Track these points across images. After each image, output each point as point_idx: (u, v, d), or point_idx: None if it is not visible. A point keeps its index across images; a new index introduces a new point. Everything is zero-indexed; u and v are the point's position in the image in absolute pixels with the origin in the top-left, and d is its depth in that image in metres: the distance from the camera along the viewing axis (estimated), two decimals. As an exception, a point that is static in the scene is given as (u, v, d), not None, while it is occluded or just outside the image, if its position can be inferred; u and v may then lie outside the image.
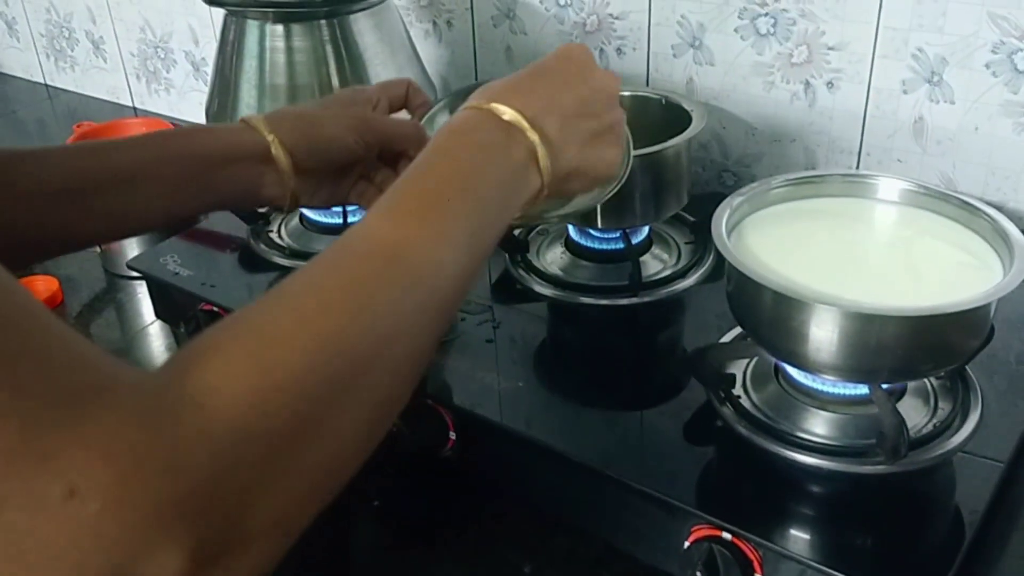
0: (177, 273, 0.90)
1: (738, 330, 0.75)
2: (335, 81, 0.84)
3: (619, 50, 1.00)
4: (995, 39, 0.79)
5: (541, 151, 0.52)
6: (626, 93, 0.91)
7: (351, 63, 0.84)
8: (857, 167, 0.90)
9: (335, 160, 0.66)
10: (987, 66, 0.80)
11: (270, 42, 0.83)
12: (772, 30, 0.89)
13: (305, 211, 0.95)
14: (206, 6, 1.23)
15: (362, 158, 0.67)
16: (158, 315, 0.96)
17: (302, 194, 0.66)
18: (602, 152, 0.58)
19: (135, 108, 1.51)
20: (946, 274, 0.67)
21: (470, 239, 0.46)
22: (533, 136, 0.51)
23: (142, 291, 1.00)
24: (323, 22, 0.83)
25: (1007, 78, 0.80)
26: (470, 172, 0.49)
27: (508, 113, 0.51)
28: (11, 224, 0.56)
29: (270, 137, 0.63)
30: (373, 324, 0.40)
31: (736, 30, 0.91)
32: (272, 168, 0.64)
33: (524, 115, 0.51)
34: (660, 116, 0.87)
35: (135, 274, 0.98)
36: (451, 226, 0.46)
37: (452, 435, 0.73)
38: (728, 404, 0.69)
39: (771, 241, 0.69)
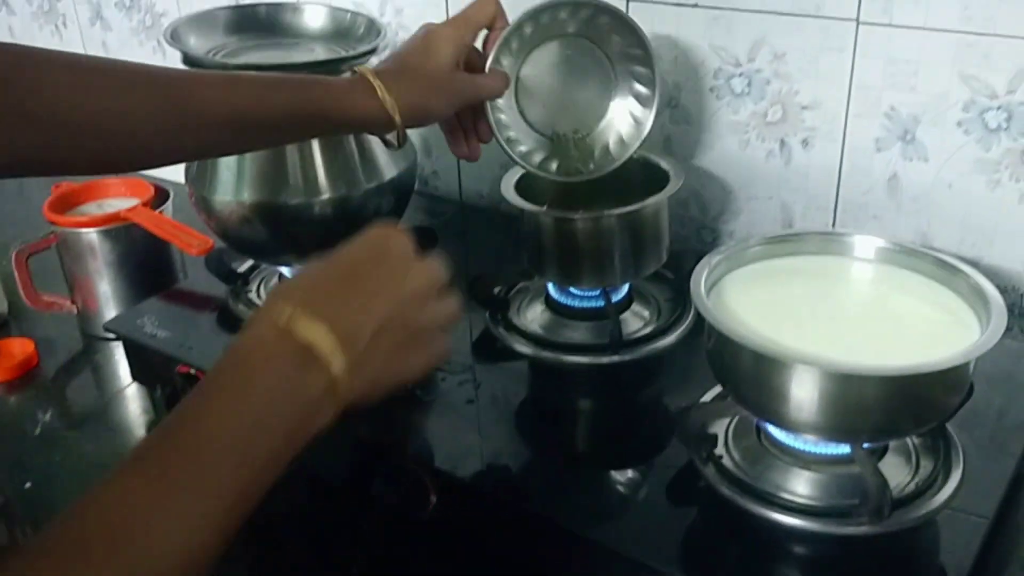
0: (154, 335, 0.90)
1: (720, 388, 0.75)
2: (315, 143, 0.84)
3: (597, 109, 1.01)
4: (966, 98, 0.80)
5: (343, 379, 0.47)
6: (604, 152, 0.92)
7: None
8: (833, 224, 0.91)
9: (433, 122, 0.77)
10: (959, 124, 0.81)
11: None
12: (747, 89, 0.90)
13: (283, 270, 0.95)
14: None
15: None
16: (135, 378, 0.95)
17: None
18: (407, 362, 0.54)
19: (115, 167, 1.51)
20: (924, 332, 0.67)
21: (224, 514, 0.43)
22: (338, 363, 0.47)
23: (119, 353, 0.99)
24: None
25: (979, 136, 0.81)
26: (251, 425, 0.45)
27: (313, 333, 0.47)
28: (187, 140, 0.66)
29: (390, 104, 0.70)
30: None
31: (712, 90, 0.92)
32: (386, 125, 0.72)
33: (333, 332, 0.47)
34: (638, 175, 0.87)
35: (112, 336, 0.97)
36: (201, 503, 0.42)
37: (433, 498, 0.73)
38: (711, 464, 0.69)
39: (750, 299, 0.69)
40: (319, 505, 0.74)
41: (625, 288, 0.88)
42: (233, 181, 0.85)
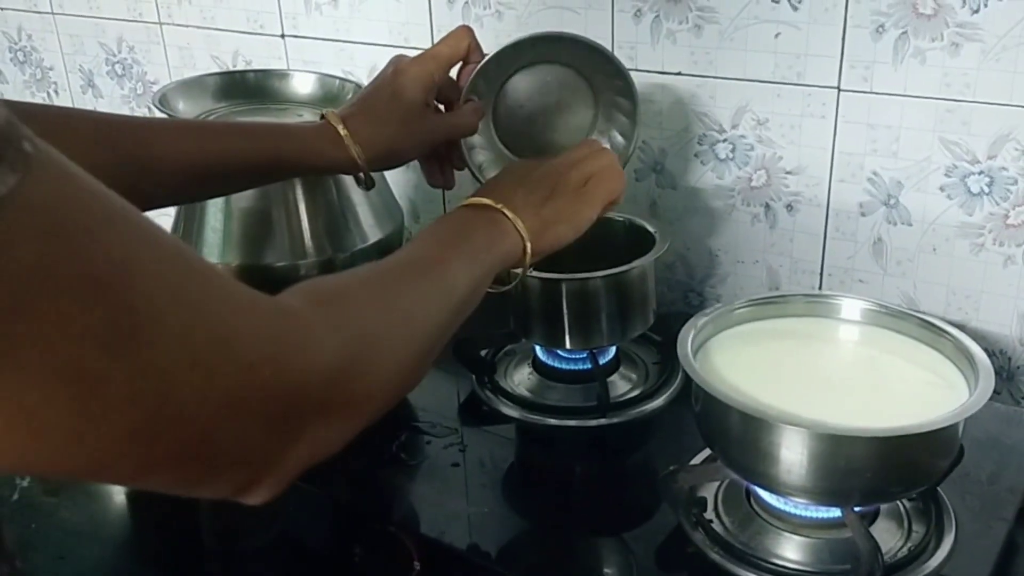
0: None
1: (708, 451, 0.74)
2: (301, 205, 0.84)
3: (584, 174, 1.01)
4: (948, 163, 0.81)
5: (514, 220, 0.65)
6: (591, 216, 0.92)
7: (318, 187, 0.85)
8: (820, 287, 0.91)
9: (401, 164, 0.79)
10: (941, 189, 0.82)
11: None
12: (731, 155, 0.92)
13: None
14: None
15: None
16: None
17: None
18: (578, 211, 0.70)
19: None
20: (912, 394, 0.67)
21: (475, 265, 0.61)
22: (509, 213, 0.65)
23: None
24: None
25: (961, 200, 0.82)
26: (470, 231, 0.64)
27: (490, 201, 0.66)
28: (147, 187, 0.65)
29: (356, 151, 0.71)
30: (425, 302, 0.55)
31: (696, 155, 0.93)
32: (353, 169, 0.73)
33: (503, 204, 0.65)
34: (624, 238, 0.88)
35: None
36: (466, 257, 0.60)
37: (417, 565, 0.71)
38: (700, 529, 0.68)
39: (737, 361, 0.69)
40: (300, 571, 0.73)
41: (612, 350, 0.87)
42: (219, 243, 0.85)
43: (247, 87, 0.94)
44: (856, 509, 0.63)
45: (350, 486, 0.77)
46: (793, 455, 0.60)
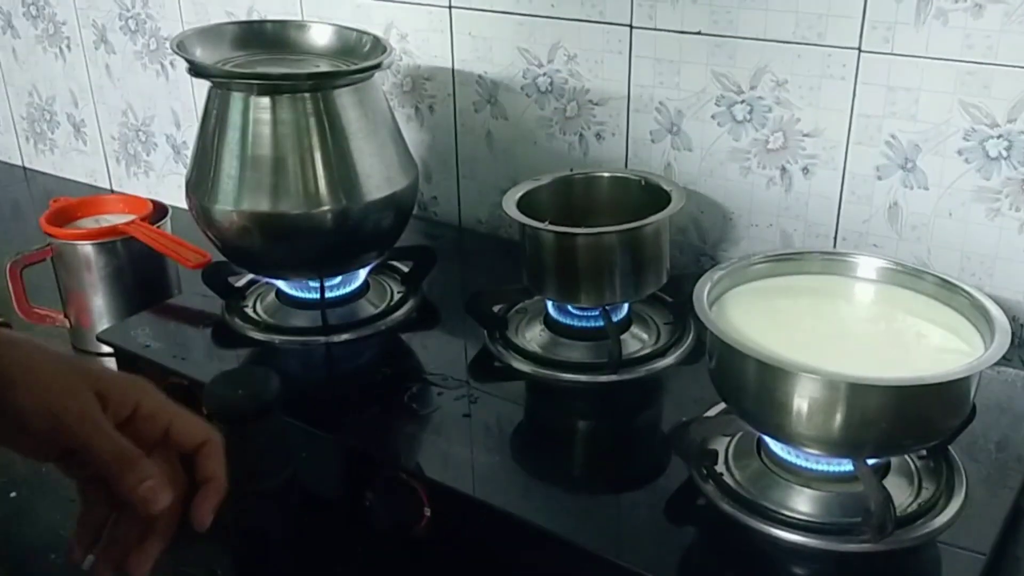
0: (148, 346, 0.89)
1: (719, 408, 0.75)
2: (317, 154, 0.84)
3: (598, 135, 1.01)
4: (967, 126, 0.81)
5: None
6: (606, 174, 0.93)
7: (334, 137, 0.84)
8: (834, 252, 0.91)
9: None
10: (959, 153, 0.82)
11: (253, 114, 0.83)
12: (748, 117, 0.91)
13: (280, 285, 0.94)
14: (190, 90, 1.25)
15: None
16: (126, 389, 0.93)
17: None
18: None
19: (112, 190, 1.50)
20: (927, 349, 0.67)
21: None
22: None
23: (111, 367, 0.98)
24: (307, 95, 0.83)
25: (979, 164, 0.81)
26: None
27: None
28: None
29: None
30: None
31: (713, 116, 0.93)
32: None
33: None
34: (639, 197, 0.87)
35: (105, 350, 0.95)
36: None
37: (427, 511, 0.71)
38: (711, 481, 0.68)
39: (752, 315, 0.69)
40: (311, 517, 0.73)
41: (625, 308, 0.87)
42: (234, 191, 0.84)
43: (265, 37, 0.93)
44: (868, 462, 0.63)
45: (361, 433, 0.77)
46: (808, 404, 0.60)
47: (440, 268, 0.99)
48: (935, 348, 0.67)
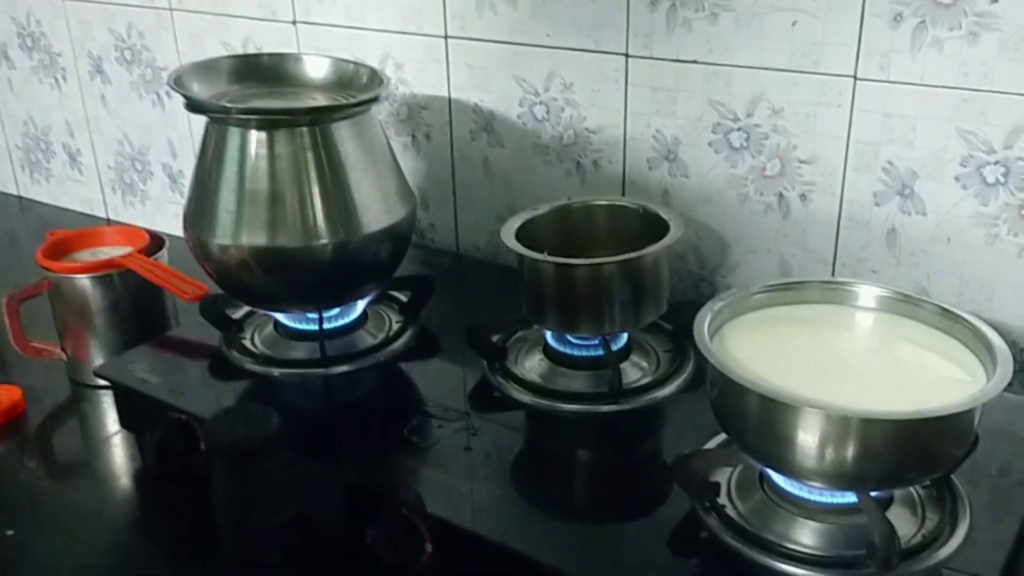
0: (145, 380, 0.88)
1: (721, 438, 0.74)
2: (315, 187, 0.84)
3: (595, 163, 1.01)
4: (964, 153, 0.81)
5: None
6: (604, 203, 0.93)
7: (331, 170, 0.84)
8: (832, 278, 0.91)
9: None
10: (957, 179, 0.82)
11: (251, 148, 0.83)
12: (745, 144, 0.91)
13: (279, 317, 0.94)
14: (186, 120, 1.25)
15: None
16: (123, 424, 0.93)
17: None
18: None
19: (108, 219, 1.50)
20: (929, 380, 0.66)
21: None
22: None
23: (107, 402, 0.97)
24: (304, 129, 0.83)
25: (976, 190, 0.81)
26: None
27: None
28: None
29: None
30: None
31: (710, 144, 0.93)
32: None
33: None
34: (638, 225, 0.87)
35: (102, 383, 0.95)
36: None
37: (428, 547, 0.71)
38: (714, 513, 0.68)
39: (752, 346, 0.69)
40: (311, 553, 0.72)
41: (625, 337, 0.87)
42: (232, 225, 0.84)
43: (261, 70, 0.94)
44: (872, 494, 0.63)
45: (362, 467, 0.77)
46: (811, 438, 0.60)
47: (439, 296, 0.99)
48: (937, 378, 0.66)
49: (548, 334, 0.88)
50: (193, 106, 0.84)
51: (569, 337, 0.86)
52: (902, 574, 0.62)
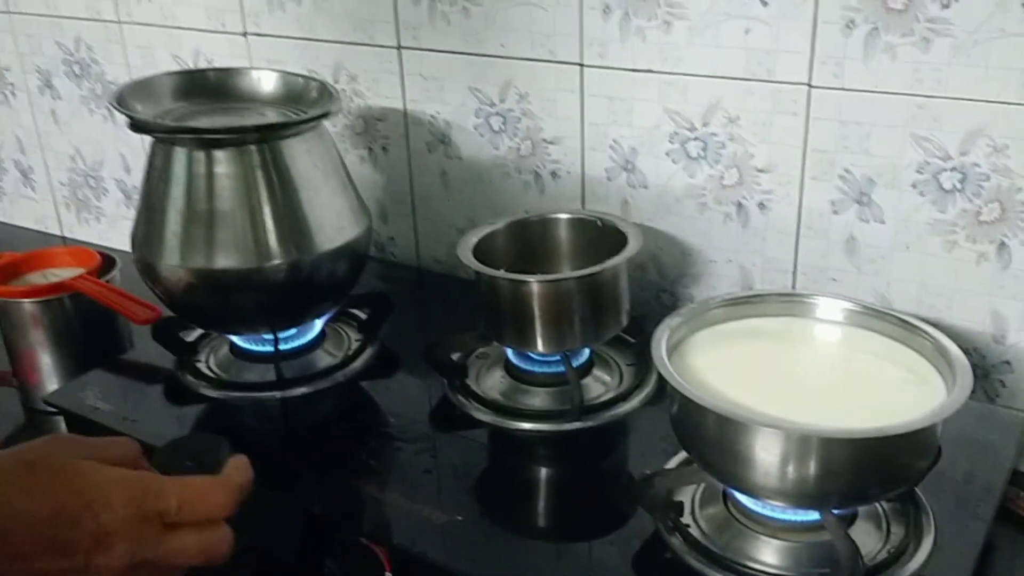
0: (97, 408, 0.86)
1: (684, 456, 0.73)
2: (266, 207, 0.82)
3: (554, 174, 1.00)
4: (920, 159, 0.80)
5: None
6: (562, 216, 0.91)
7: (282, 189, 0.82)
8: (793, 286, 0.91)
9: None
10: (914, 186, 0.82)
11: (198, 168, 0.81)
12: (702, 153, 0.90)
13: (234, 339, 0.92)
14: (138, 136, 1.22)
15: None
16: (76, 453, 0.90)
17: None
18: None
19: (64, 238, 1.47)
20: (889, 393, 0.66)
21: None
22: None
23: (62, 427, 0.95)
24: (253, 147, 0.81)
25: (934, 197, 0.81)
26: None
27: None
28: None
29: None
30: None
31: (667, 153, 0.92)
32: None
33: None
34: (596, 238, 0.87)
35: (54, 410, 0.92)
36: None
37: (388, 575, 0.69)
38: (677, 534, 0.67)
39: (712, 362, 0.68)
40: (268, 585, 0.71)
41: (586, 353, 0.86)
42: (179, 247, 0.82)
43: (208, 86, 0.91)
44: (835, 512, 0.62)
45: (319, 495, 0.75)
46: (770, 457, 0.59)
47: (399, 312, 0.98)
48: (896, 391, 0.66)
49: (509, 351, 0.86)
50: (137, 126, 0.82)
51: (530, 354, 0.85)
52: (868, 591, 0.62)
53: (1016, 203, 0.78)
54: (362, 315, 0.97)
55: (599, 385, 0.85)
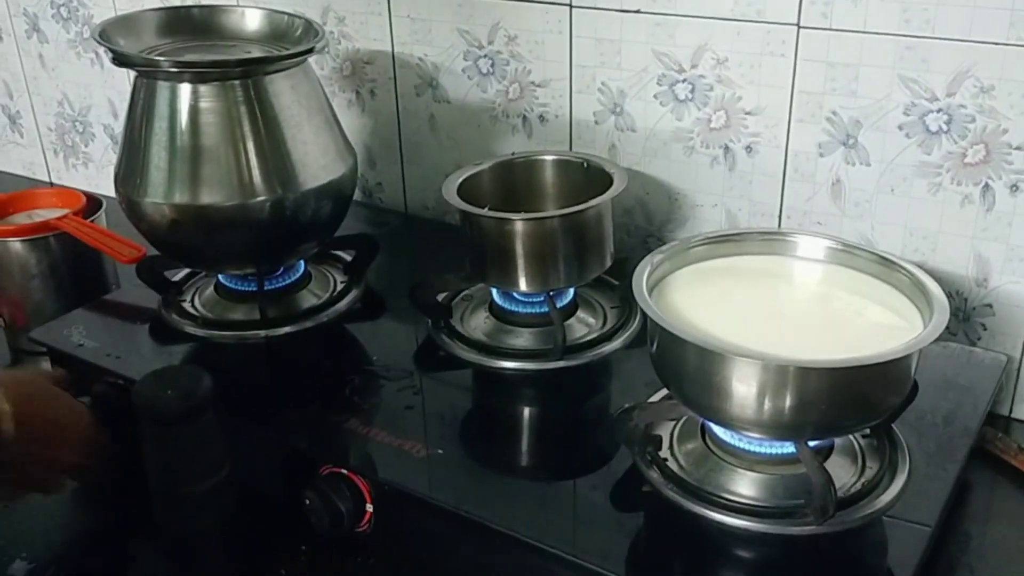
0: (82, 345, 0.86)
1: (665, 392, 0.74)
2: (249, 143, 0.81)
3: (542, 117, 1.00)
4: (907, 101, 0.80)
5: None
6: (549, 157, 0.91)
7: (266, 125, 0.82)
8: (779, 230, 0.91)
9: None
10: (900, 128, 0.81)
11: (181, 103, 0.80)
12: (690, 96, 0.90)
13: (220, 277, 0.92)
14: (126, 79, 1.21)
15: None
16: (61, 390, 0.90)
17: None
18: None
19: (51, 183, 1.47)
20: (867, 328, 0.66)
21: None
22: None
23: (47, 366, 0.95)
24: (237, 83, 0.80)
25: (920, 139, 0.81)
26: None
27: None
28: None
29: None
30: None
31: (655, 96, 0.92)
32: None
33: None
34: (582, 179, 0.86)
35: (42, 350, 0.92)
36: None
37: (369, 507, 0.70)
38: (655, 467, 0.67)
39: (693, 299, 0.68)
40: (249, 516, 0.71)
41: (570, 293, 0.86)
42: (163, 183, 0.82)
43: (193, 23, 0.91)
44: (810, 443, 0.63)
45: (302, 429, 0.75)
46: (747, 388, 0.59)
47: (386, 255, 0.98)
48: (874, 326, 0.66)
49: (494, 291, 0.86)
50: (120, 60, 0.81)
51: (514, 294, 0.85)
52: (841, 522, 0.62)
53: (1001, 145, 0.78)
54: (347, 257, 0.97)
55: (582, 326, 0.85)
